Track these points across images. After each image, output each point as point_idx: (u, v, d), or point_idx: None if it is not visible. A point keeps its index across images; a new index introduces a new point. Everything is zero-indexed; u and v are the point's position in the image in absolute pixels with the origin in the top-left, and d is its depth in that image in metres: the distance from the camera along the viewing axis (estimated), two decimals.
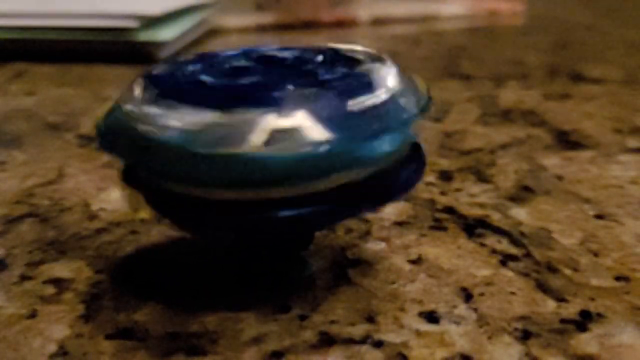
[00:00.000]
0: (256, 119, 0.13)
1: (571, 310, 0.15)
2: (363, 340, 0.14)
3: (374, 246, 0.18)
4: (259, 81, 0.15)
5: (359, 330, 0.15)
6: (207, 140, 0.13)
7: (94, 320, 0.15)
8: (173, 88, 0.15)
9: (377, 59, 0.16)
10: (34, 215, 0.21)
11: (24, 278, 0.17)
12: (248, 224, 0.14)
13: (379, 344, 0.14)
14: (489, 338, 0.14)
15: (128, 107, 0.15)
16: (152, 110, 0.14)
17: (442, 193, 0.22)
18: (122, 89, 0.16)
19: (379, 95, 0.14)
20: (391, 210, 0.20)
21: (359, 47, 0.17)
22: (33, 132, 0.28)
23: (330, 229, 0.19)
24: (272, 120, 0.13)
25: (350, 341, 0.14)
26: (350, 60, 0.16)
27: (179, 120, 0.14)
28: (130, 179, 0.16)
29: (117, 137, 0.14)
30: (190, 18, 0.46)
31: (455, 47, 0.44)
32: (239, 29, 0.51)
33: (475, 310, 0.15)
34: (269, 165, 0.13)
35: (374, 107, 0.14)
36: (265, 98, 0.14)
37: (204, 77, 0.15)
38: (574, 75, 0.36)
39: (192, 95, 0.14)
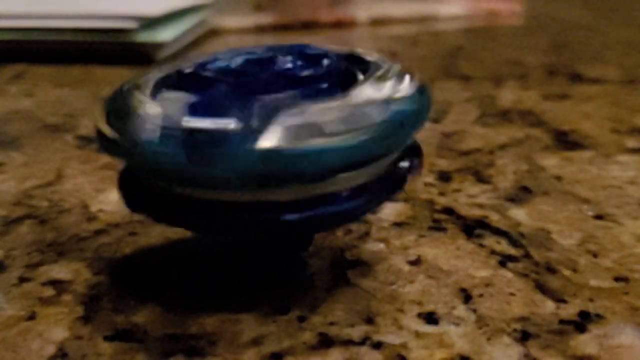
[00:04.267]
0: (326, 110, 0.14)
1: (570, 311, 0.15)
2: (362, 342, 0.14)
3: (373, 247, 0.18)
4: (267, 79, 0.15)
5: (358, 331, 0.15)
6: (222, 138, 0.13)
7: (93, 321, 0.15)
8: (179, 87, 0.15)
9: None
10: (32, 217, 0.21)
11: (22, 280, 0.17)
12: (247, 226, 0.14)
13: (378, 345, 0.14)
14: (488, 339, 0.14)
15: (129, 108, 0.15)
16: (157, 111, 0.14)
17: (441, 194, 0.22)
18: (116, 95, 0.16)
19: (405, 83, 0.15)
20: (390, 211, 0.20)
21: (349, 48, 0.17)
22: (32, 134, 0.28)
23: (330, 229, 0.19)
24: (338, 110, 0.14)
25: (349, 342, 0.14)
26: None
27: (215, 122, 0.14)
28: (128, 182, 0.16)
29: (135, 144, 0.14)
30: (189, 19, 0.46)
31: (453, 48, 0.44)
32: (238, 30, 0.51)
33: (475, 311, 0.15)
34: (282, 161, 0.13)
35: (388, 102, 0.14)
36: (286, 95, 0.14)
37: (214, 76, 0.15)
38: (573, 76, 0.36)
39: (212, 95, 0.14)
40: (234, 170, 0.13)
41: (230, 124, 0.13)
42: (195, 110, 0.14)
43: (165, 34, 0.42)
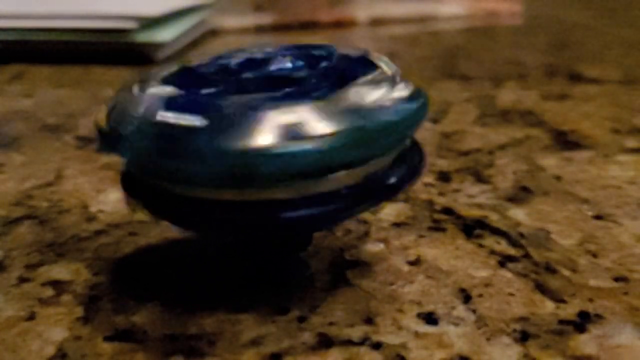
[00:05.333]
0: (262, 115, 0.13)
1: (570, 311, 0.15)
2: (362, 342, 0.14)
3: (372, 247, 0.18)
4: (263, 79, 0.15)
5: (357, 331, 0.15)
6: (215, 136, 0.13)
7: (93, 322, 0.15)
8: (178, 86, 0.15)
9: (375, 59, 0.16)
10: (32, 217, 0.21)
11: (22, 280, 0.17)
12: (248, 226, 0.14)
13: (377, 346, 0.14)
14: (488, 339, 0.14)
15: (133, 107, 0.15)
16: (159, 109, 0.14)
17: (441, 194, 0.22)
18: (119, 90, 0.16)
19: (399, 90, 0.15)
20: (390, 211, 0.20)
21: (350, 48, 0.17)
22: (31, 134, 0.28)
23: (329, 230, 0.19)
24: (278, 116, 0.13)
25: (348, 343, 0.14)
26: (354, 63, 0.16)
27: (185, 118, 0.14)
28: (129, 182, 0.16)
29: (120, 137, 0.14)
30: (188, 19, 0.46)
31: (453, 48, 0.44)
32: (238, 30, 0.51)
33: (474, 311, 0.15)
34: (277, 161, 0.13)
35: (379, 105, 0.14)
36: (269, 95, 0.14)
37: (213, 74, 0.15)
38: (572, 76, 0.36)
39: (199, 92, 0.14)
40: (201, 167, 0.13)
41: (196, 120, 0.13)
42: (174, 105, 0.14)
43: (165, 34, 0.42)
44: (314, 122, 0.13)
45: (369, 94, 0.14)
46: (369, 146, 0.14)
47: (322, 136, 0.13)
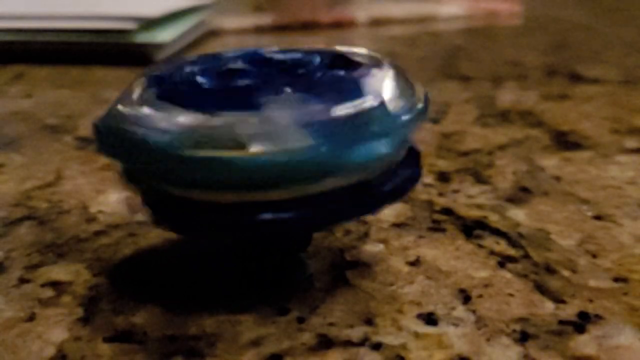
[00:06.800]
0: (243, 122, 0.13)
1: (569, 311, 0.15)
2: (361, 343, 0.14)
3: (372, 248, 0.18)
4: (250, 84, 0.15)
5: (357, 332, 0.15)
6: (193, 142, 0.13)
7: (93, 323, 0.15)
8: (167, 90, 0.15)
9: (376, 62, 0.16)
10: (32, 218, 0.21)
11: (22, 281, 0.17)
12: (246, 226, 0.14)
13: (377, 346, 0.14)
14: (488, 340, 0.14)
15: (122, 108, 0.15)
16: (145, 111, 0.14)
17: (440, 194, 0.22)
18: (121, 90, 0.16)
19: (368, 101, 0.14)
20: (389, 212, 0.20)
21: (359, 50, 0.17)
22: (31, 135, 0.28)
23: (329, 230, 0.19)
24: (258, 124, 0.13)
25: (348, 343, 0.14)
26: (348, 64, 0.16)
27: (167, 122, 0.14)
28: (129, 180, 0.16)
29: (112, 138, 0.15)
30: (188, 19, 0.46)
31: (453, 48, 0.44)
32: (238, 30, 0.51)
33: (474, 312, 0.15)
34: (252, 168, 0.13)
35: (361, 113, 0.14)
36: (253, 101, 0.14)
37: (199, 79, 0.15)
38: (572, 76, 0.36)
39: (184, 97, 0.14)
40: (159, 167, 0.13)
41: (159, 121, 0.14)
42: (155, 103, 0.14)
43: (165, 35, 0.42)
44: (286, 129, 0.13)
45: (359, 101, 0.14)
46: (351, 155, 0.14)
47: (289, 146, 0.13)
